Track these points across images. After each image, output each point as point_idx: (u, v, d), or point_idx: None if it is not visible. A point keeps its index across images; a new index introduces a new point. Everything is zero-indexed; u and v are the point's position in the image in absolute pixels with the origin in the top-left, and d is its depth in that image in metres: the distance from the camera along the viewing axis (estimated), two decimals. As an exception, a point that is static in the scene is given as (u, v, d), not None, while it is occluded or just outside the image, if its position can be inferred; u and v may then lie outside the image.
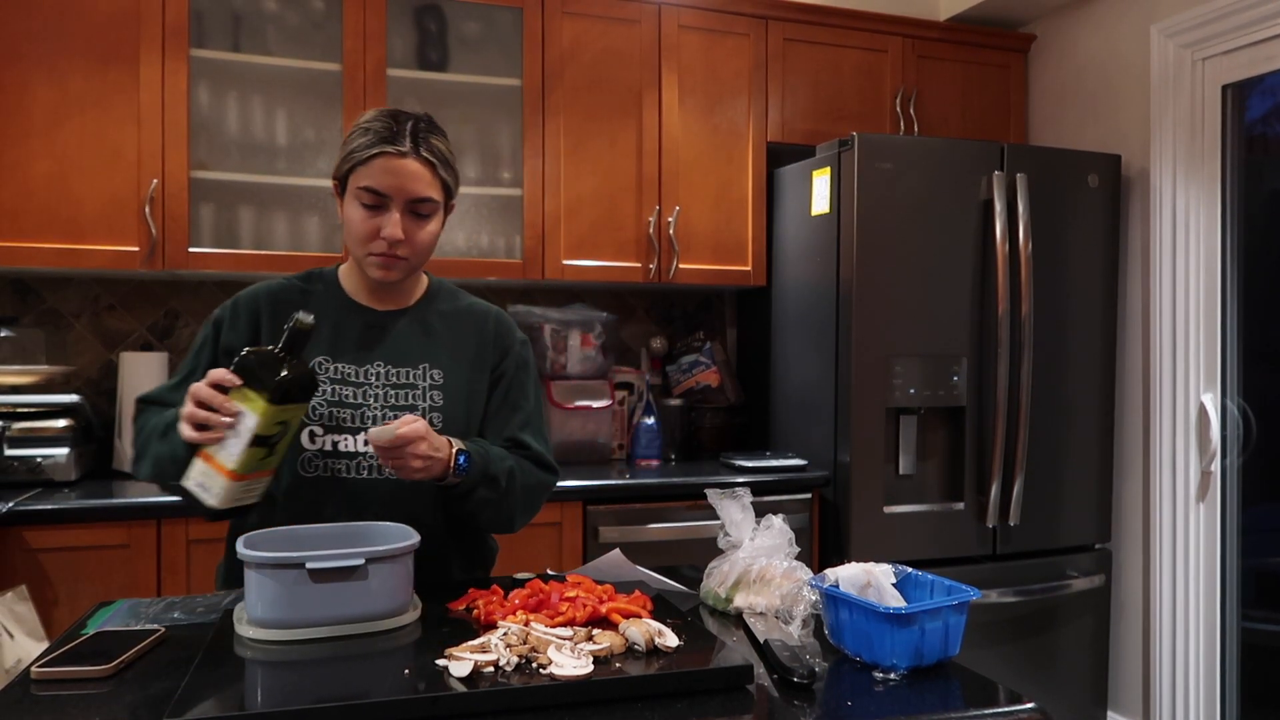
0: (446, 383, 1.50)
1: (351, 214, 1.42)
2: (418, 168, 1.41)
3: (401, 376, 1.48)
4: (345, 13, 2.63)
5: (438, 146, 1.44)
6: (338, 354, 1.47)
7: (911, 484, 2.75)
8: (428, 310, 1.55)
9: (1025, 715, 0.99)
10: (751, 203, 3.02)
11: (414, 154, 1.40)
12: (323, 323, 1.47)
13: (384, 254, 1.42)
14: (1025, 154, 2.81)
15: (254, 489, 1.28)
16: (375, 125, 1.41)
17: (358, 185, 1.40)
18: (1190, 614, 2.82)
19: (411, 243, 1.43)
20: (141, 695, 0.98)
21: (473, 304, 1.61)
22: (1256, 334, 2.78)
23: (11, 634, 1.98)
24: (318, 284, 1.54)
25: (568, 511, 2.53)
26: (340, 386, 1.45)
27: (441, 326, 1.54)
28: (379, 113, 1.44)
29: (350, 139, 1.43)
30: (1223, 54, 2.74)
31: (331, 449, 1.43)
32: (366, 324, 1.50)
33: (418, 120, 1.44)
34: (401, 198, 1.40)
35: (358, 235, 1.42)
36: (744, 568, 1.30)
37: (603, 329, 3.01)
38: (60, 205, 2.42)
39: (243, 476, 1.23)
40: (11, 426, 2.32)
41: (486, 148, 2.87)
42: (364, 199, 1.40)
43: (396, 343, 1.50)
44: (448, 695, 0.92)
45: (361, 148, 1.39)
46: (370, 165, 1.39)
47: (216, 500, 1.23)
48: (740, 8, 2.98)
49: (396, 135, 1.40)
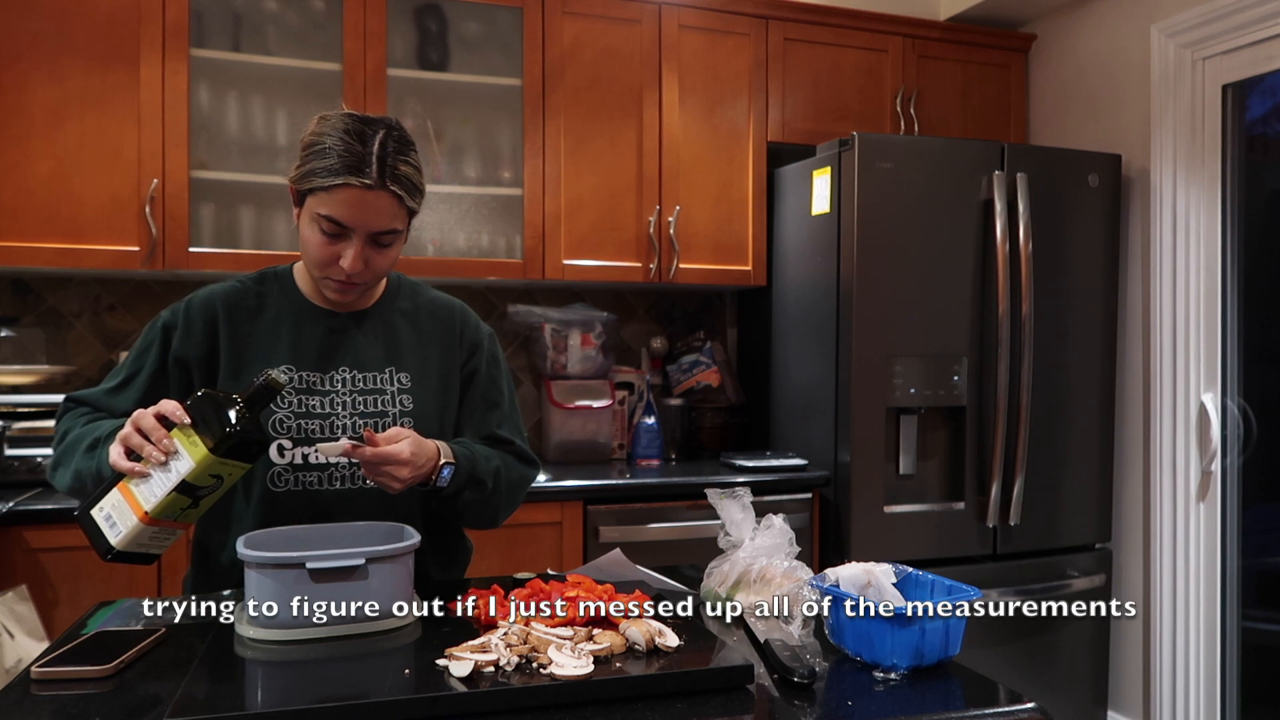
0: (415, 385, 1.46)
1: (309, 235, 1.34)
2: (384, 202, 1.31)
3: (368, 382, 1.44)
4: (345, 12, 2.63)
5: (405, 175, 1.32)
6: (301, 362, 1.42)
7: (912, 484, 2.75)
8: (390, 310, 1.50)
9: (1026, 715, 0.99)
10: (752, 202, 3.02)
11: (380, 186, 1.29)
12: (282, 330, 1.43)
13: (341, 280, 1.35)
14: (1026, 154, 2.81)
15: (162, 538, 1.18)
16: (338, 145, 1.29)
17: (318, 211, 1.30)
18: (1190, 614, 2.82)
19: (372, 270, 1.36)
20: (141, 695, 0.98)
21: (434, 299, 1.56)
22: (1257, 334, 2.78)
23: (12, 634, 1.98)
24: (273, 285, 1.47)
25: (568, 511, 2.53)
26: (306, 397, 1.40)
27: (405, 326, 1.50)
28: (342, 125, 1.31)
29: (310, 152, 1.31)
30: (1223, 54, 2.74)
31: (302, 462, 1.39)
32: (329, 329, 1.45)
33: (387, 136, 1.32)
34: (364, 230, 1.32)
35: (315, 259, 1.35)
36: (744, 568, 1.30)
37: (603, 329, 3.01)
38: (60, 205, 2.42)
39: (156, 521, 1.15)
40: (12, 426, 2.32)
41: (487, 147, 2.87)
42: (324, 226, 1.31)
43: (361, 347, 1.45)
44: (448, 695, 0.92)
45: (323, 173, 1.28)
46: (333, 194, 1.29)
47: (119, 540, 1.14)
48: (740, 8, 2.98)
49: (362, 163, 1.28)
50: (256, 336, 1.42)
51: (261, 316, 1.44)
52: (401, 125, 1.36)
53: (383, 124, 1.33)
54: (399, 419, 1.43)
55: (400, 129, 1.35)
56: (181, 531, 1.21)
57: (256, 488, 1.39)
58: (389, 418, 1.43)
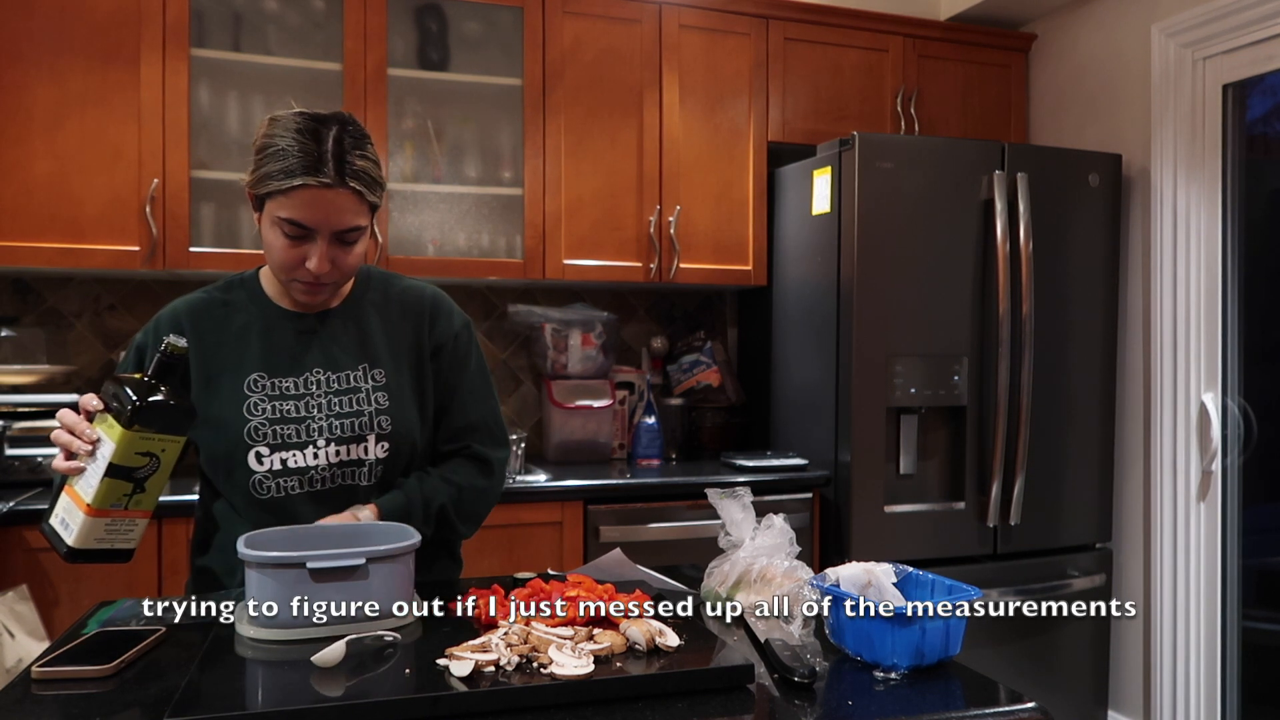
0: (390, 381, 1.44)
1: (272, 240, 1.31)
2: (344, 199, 1.29)
3: (343, 381, 1.42)
4: (346, 12, 2.63)
5: (363, 170, 1.30)
6: (273, 368, 1.40)
7: (912, 484, 2.75)
8: (359, 305, 1.47)
9: (1026, 715, 0.99)
10: (752, 202, 3.02)
11: (339, 184, 1.27)
12: (251, 337, 1.41)
13: (309, 282, 1.34)
14: (1026, 153, 2.80)
15: (120, 531, 1.17)
16: (291, 146, 1.26)
17: (278, 214, 1.28)
18: (1191, 613, 2.82)
19: (339, 269, 1.34)
20: (141, 695, 0.98)
21: (406, 289, 1.52)
22: (1257, 333, 2.78)
23: (12, 633, 1.98)
24: (240, 292, 1.45)
25: (568, 511, 2.53)
26: (280, 402, 1.39)
27: (376, 320, 1.47)
28: (294, 125, 1.28)
29: (264, 156, 1.28)
30: (1223, 53, 2.74)
31: (281, 467, 1.37)
32: (298, 331, 1.43)
33: (341, 131, 1.29)
34: (328, 229, 1.30)
35: (280, 263, 1.33)
36: (745, 567, 1.30)
37: (603, 329, 3.01)
38: (61, 205, 2.42)
39: (102, 512, 1.14)
40: (12, 426, 2.32)
41: (487, 147, 2.87)
42: (285, 229, 1.29)
43: (332, 346, 1.43)
44: (448, 695, 0.92)
45: (279, 175, 1.26)
46: (291, 196, 1.26)
47: (74, 539, 1.14)
48: (741, 7, 2.98)
49: (319, 162, 1.26)
50: (226, 346, 1.41)
51: (229, 325, 1.42)
52: (355, 119, 1.33)
53: (335, 120, 1.30)
54: (375, 418, 1.42)
55: (354, 123, 1.32)
56: (144, 522, 1.20)
57: (240, 497, 1.39)
58: (365, 417, 1.41)
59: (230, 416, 1.37)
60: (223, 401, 1.38)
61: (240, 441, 1.37)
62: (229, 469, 1.39)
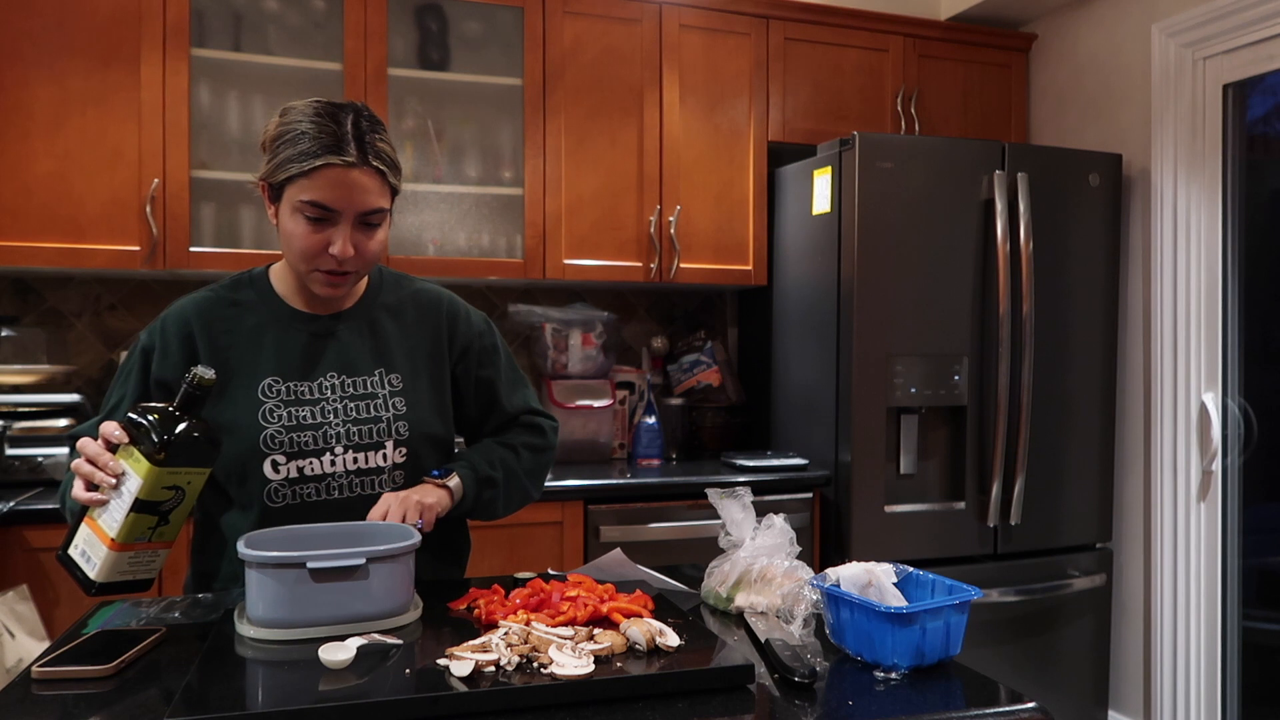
0: (407, 386, 1.43)
1: (292, 228, 1.29)
2: (368, 179, 1.28)
3: (359, 386, 1.39)
4: (346, 12, 2.63)
5: (384, 150, 1.31)
6: (287, 373, 1.37)
7: (912, 483, 2.75)
8: (373, 307, 1.45)
9: (1026, 715, 0.98)
10: (752, 202, 3.02)
11: (363, 163, 1.27)
12: (263, 340, 1.38)
13: (332, 271, 1.31)
14: (1026, 153, 2.80)
15: (143, 563, 1.16)
16: (310, 128, 1.26)
17: (300, 199, 1.27)
18: (1191, 613, 2.82)
19: (362, 255, 1.32)
20: (141, 695, 0.98)
21: (419, 291, 1.51)
22: (1257, 333, 2.78)
23: (12, 633, 1.98)
24: (249, 292, 1.41)
25: (569, 511, 2.53)
26: (296, 409, 1.35)
27: (391, 323, 1.45)
28: (311, 110, 1.29)
29: (281, 141, 1.28)
30: (1223, 53, 2.74)
31: (298, 475, 1.35)
32: (312, 334, 1.40)
33: (358, 116, 1.30)
34: (352, 211, 1.28)
35: (301, 251, 1.30)
36: (745, 567, 1.30)
37: (604, 328, 3.01)
38: (61, 205, 2.42)
39: (127, 546, 1.13)
40: (12, 426, 2.32)
41: (487, 147, 2.87)
42: (308, 213, 1.27)
43: (347, 350, 1.40)
44: (448, 695, 0.92)
45: (301, 156, 1.25)
46: (314, 178, 1.25)
47: (97, 573, 1.13)
48: (741, 7, 2.98)
49: (341, 142, 1.26)
50: (238, 349, 1.37)
51: (240, 326, 1.38)
52: (369, 107, 1.35)
53: (351, 107, 1.31)
54: (393, 424, 1.40)
55: (370, 110, 1.33)
56: (165, 551, 1.19)
57: (254, 505, 1.35)
58: (382, 423, 1.39)
59: (245, 423, 1.34)
60: (237, 407, 1.34)
61: (256, 449, 1.33)
62: (242, 477, 1.35)
